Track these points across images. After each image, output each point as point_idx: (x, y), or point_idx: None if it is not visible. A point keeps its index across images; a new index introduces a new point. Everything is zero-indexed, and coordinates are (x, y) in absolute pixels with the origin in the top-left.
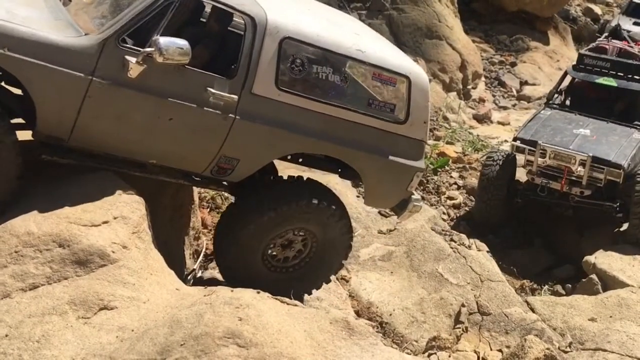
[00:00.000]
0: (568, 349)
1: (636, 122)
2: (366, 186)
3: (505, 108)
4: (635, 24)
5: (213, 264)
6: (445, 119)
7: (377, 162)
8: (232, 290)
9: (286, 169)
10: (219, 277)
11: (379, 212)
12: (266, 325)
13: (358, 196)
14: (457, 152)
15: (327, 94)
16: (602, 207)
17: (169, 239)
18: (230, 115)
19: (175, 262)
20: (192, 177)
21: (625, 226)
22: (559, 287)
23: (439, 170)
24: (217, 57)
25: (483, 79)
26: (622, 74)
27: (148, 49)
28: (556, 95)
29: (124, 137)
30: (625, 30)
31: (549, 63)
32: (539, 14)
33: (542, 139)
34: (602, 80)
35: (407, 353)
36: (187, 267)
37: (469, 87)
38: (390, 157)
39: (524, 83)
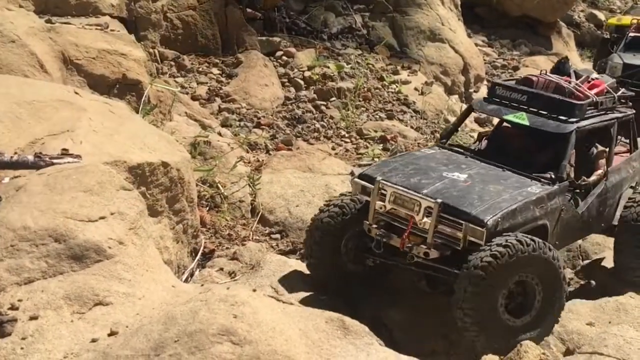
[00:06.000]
0: (564, 356)
1: (543, 175)
2: None
3: None
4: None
5: (210, 262)
6: (447, 121)
7: None
8: (227, 288)
9: (286, 170)
10: (216, 274)
11: None
12: (261, 323)
13: None
14: None
15: None
16: (444, 276)
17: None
18: None
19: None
20: None
21: None
22: None
23: None
24: None
25: (485, 82)
26: (539, 111)
27: None
28: (476, 143)
29: None
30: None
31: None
32: (543, 19)
33: (386, 177)
34: (511, 116)
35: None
36: (184, 265)
37: (471, 90)
38: None
39: None
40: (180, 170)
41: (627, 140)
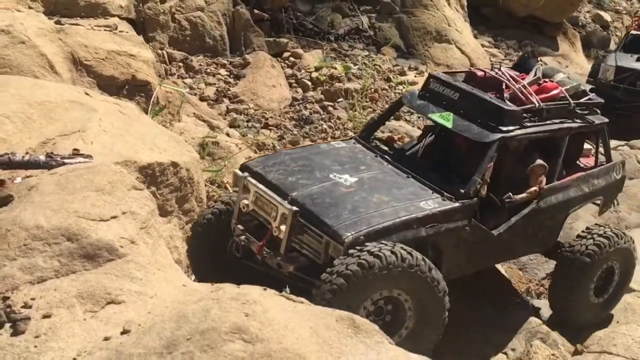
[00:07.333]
0: (572, 356)
1: (451, 187)
2: None
3: None
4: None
5: None
6: None
7: None
8: (238, 287)
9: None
10: None
11: None
12: (272, 321)
13: None
14: None
15: None
16: (306, 286)
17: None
18: None
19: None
20: None
21: None
22: None
23: None
24: None
25: None
26: (468, 112)
27: None
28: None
29: None
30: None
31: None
32: (549, 20)
33: (265, 171)
34: (437, 116)
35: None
36: None
37: None
38: None
39: None
40: (190, 170)
41: (593, 151)
